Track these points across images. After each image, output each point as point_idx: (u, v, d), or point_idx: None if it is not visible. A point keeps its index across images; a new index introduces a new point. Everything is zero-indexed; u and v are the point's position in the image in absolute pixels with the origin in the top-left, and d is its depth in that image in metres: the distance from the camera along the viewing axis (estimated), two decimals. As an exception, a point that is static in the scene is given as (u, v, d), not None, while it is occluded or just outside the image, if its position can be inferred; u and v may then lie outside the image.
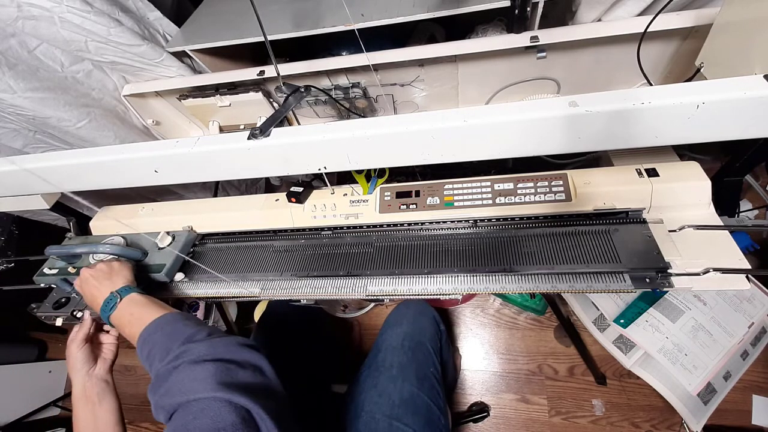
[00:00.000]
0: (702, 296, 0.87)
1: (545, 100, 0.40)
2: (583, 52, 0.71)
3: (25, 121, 0.73)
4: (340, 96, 0.84)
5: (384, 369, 0.74)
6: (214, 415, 0.38)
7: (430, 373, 0.76)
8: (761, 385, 1.04)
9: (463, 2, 0.67)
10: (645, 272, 0.49)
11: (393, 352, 0.77)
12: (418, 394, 0.71)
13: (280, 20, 0.77)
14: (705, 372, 0.81)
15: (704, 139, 0.39)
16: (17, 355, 1.47)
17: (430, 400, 0.72)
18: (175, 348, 0.45)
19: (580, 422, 1.10)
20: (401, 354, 0.76)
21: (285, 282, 0.62)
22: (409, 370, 0.74)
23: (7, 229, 1.03)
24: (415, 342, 0.79)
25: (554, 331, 1.22)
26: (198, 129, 1.02)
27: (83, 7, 0.67)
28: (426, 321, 0.84)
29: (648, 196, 0.54)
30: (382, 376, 0.73)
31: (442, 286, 0.55)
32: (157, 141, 0.63)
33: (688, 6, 0.64)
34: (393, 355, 0.76)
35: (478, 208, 0.59)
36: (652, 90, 0.37)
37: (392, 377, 0.72)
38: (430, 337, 0.81)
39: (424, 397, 0.71)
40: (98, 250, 0.63)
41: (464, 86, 0.82)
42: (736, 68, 0.47)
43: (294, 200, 0.66)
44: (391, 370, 0.74)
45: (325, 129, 0.45)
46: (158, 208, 0.75)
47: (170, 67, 0.83)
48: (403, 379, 0.72)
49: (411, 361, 0.75)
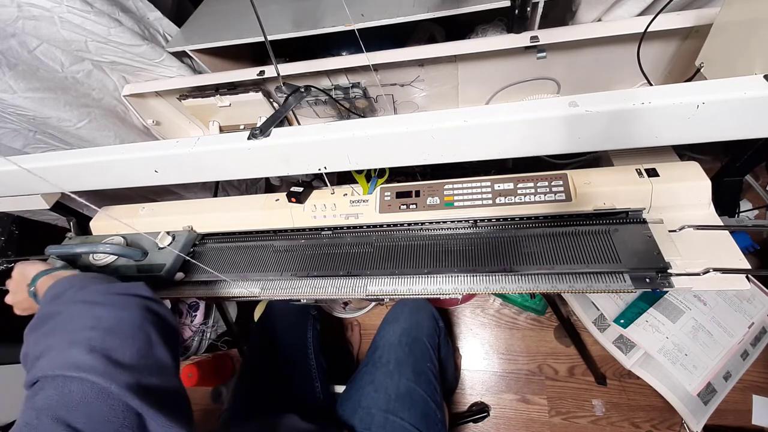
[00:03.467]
0: (702, 296, 0.87)
1: (545, 100, 0.40)
2: (583, 52, 0.71)
3: (25, 121, 0.73)
4: (340, 96, 0.84)
5: (381, 365, 0.75)
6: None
7: (427, 369, 0.76)
8: (761, 385, 1.04)
9: (463, 2, 0.67)
10: (645, 272, 0.49)
11: (390, 349, 0.77)
12: (414, 389, 0.71)
13: (280, 20, 0.77)
14: (705, 372, 0.81)
15: (704, 139, 0.39)
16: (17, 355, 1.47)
17: (426, 394, 0.72)
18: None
19: (580, 422, 1.10)
20: (398, 350, 0.76)
21: (285, 282, 0.62)
22: (405, 365, 0.74)
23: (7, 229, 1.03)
24: (412, 338, 0.79)
25: (554, 331, 1.22)
26: (198, 129, 1.02)
27: (83, 7, 0.67)
28: (423, 317, 0.84)
29: (648, 196, 0.54)
30: (379, 372, 0.74)
31: (442, 286, 0.55)
32: (157, 141, 0.63)
33: (688, 6, 0.64)
34: (390, 351, 0.76)
35: (478, 208, 0.59)
36: (652, 90, 0.37)
37: (389, 372, 0.73)
38: (428, 334, 0.82)
39: (421, 392, 0.71)
40: (98, 250, 0.63)
41: (464, 86, 0.82)
42: (736, 68, 0.47)
43: (294, 200, 0.66)
44: (388, 365, 0.74)
45: (325, 129, 0.45)
46: (158, 208, 0.75)
47: (170, 67, 0.83)
48: (399, 374, 0.72)
49: (408, 356, 0.75)
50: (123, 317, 0.41)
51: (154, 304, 0.45)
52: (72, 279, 0.48)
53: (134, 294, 0.44)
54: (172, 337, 0.45)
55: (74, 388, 0.34)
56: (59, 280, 0.48)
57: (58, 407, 0.33)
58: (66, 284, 0.47)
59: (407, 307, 0.86)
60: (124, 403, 0.34)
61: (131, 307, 0.42)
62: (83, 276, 0.50)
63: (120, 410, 0.34)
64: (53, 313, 0.42)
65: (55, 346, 0.38)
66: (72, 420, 0.32)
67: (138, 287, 0.46)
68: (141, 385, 0.36)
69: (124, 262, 0.65)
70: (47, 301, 0.45)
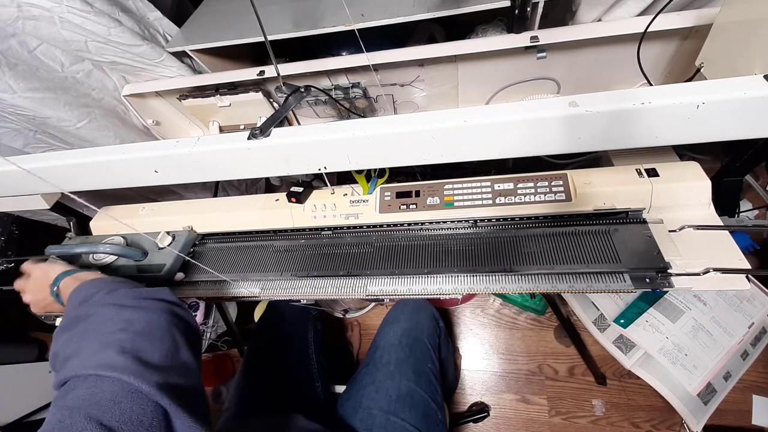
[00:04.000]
0: (702, 296, 0.87)
1: (545, 100, 0.40)
2: (583, 52, 0.71)
3: (25, 121, 0.73)
4: (340, 96, 0.84)
5: (381, 365, 0.75)
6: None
7: (428, 369, 0.76)
8: (761, 385, 1.04)
9: (463, 2, 0.67)
10: (645, 272, 0.49)
11: (390, 349, 0.77)
12: (415, 390, 0.71)
13: (281, 20, 0.77)
14: (705, 372, 0.81)
15: (704, 139, 0.39)
16: (17, 355, 1.47)
17: (427, 395, 0.72)
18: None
19: (580, 422, 1.10)
20: (399, 350, 0.76)
21: (285, 282, 0.62)
22: (406, 365, 0.74)
23: (7, 229, 1.03)
24: (413, 338, 0.79)
25: (554, 331, 1.22)
26: (198, 129, 1.02)
27: (83, 7, 0.67)
28: (424, 317, 0.84)
29: (648, 196, 0.54)
30: (380, 373, 0.74)
31: (442, 286, 0.55)
32: (157, 141, 0.63)
33: (688, 6, 0.64)
34: (390, 351, 0.77)
35: (478, 208, 0.59)
36: (652, 90, 0.37)
37: (389, 373, 0.73)
38: (428, 334, 0.82)
39: (421, 393, 0.71)
40: (98, 250, 0.63)
41: (464, 86, 0.82)
42: (736, 68, 0.47)
43: (294, 200, 0.66)
44: (388, 366, 0.74)
45: (325, 129, 0.45)
46: (158, 208, 0.75)
47: (170, 67, 0.83)
48: (400, 375, 0.72)
49: (408, 356, 0.76)
50: (152, 320, 0.42)
51: (178, 309, 0.47)
52: (99, 282, 0.49)
53: (161, 299, 0.46)
54: (195, 341, 0.47)
55: (106, 387, 0.35)
56: (85, 283, 0.49)
57: (90, 406, 0.34)
58: (94, 287, 0.48)
59: (407, 307, 0.86)
60: (154, 402, 0.35)
61: (159, 311, 0.44)
62: (110, 280, 0.52)
63: (150, 409, 0.35)
64: (84, 316, 0.43)
65: (86, 347, 0.39)
66: (104, 418, 0.33)
67: (163, 292, 0.48)
68: (169, 385, 0.37)
69: (124, 262, 0.65)
70: (76, 303, 0.47)
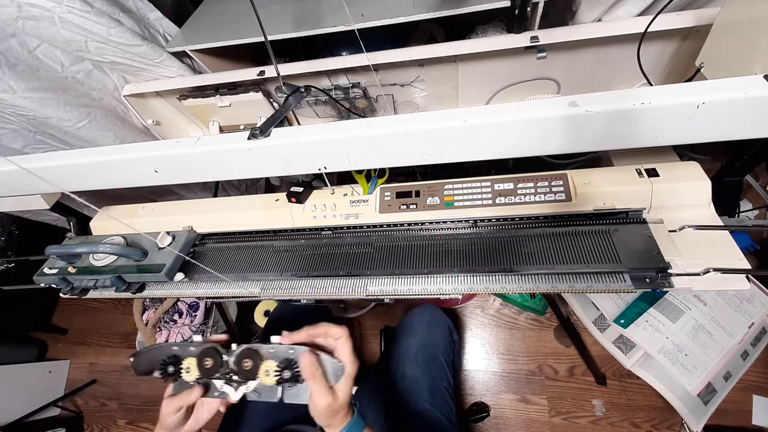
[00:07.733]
0: (702, 296, 0.87)
1: (545, 100, 0.40)
2: (583, 52, 0.71)
3: (25, 121, 0.73)
4: (340, 96, 0.84)
5: (397, 379, 0.75)
6: None
7: (443, 387, 0.76)
8: (761, 385, 1.04)
9: (463, 2, 0.67)
10: (645, 272, 0.49)
11: (406, 364, 0.77)
12: (430, 410, 0.71)
13: (281, 20, 0.77)
14: (705, 372, 0.81)
15: (704, 139, 0.38)
16: (17, 355, 1.47)
17: (441, 414, 0.72)
18: None
19: (580, 422, 1.10)
20: (415, 367, 0.76)
21: (285, 282, 0.62)
22: (422, 384, 0.74)
23: (7, 229, 1.03)
24: (429, 355, 0.79)
25: (554, 331, 1.22)
26: (198, 129, 1.02)
27: (83, 7, 0.67)
28: (440, 331, 0.84)
29: (648, 196, 0.54)
30: (396, 388, 0.74)
31: (442, 286, 0.55)
32: (157, 141, 0.63)
33: (688, 6, 0.64)
34: (405, 366, 0.76)
35: (478, 208, 0.59)
36: (652, 90, 0.37)
37: (405, 390, 0.73)
38: (444, 349, 0.81)
39: (436, 413, 0.71)
40: (98, 250, 0.63)
41: (464, 86, 0.82)
42: (736, 68, 0.47)
43: (294, 200, 0.66)
44: (403, 381, 0.74)
45: (325, 129, 0.45)
46: (158, 208, 0.75)
47: (170, 67, 0.83)
48: (416, 394, 0.72)
49: (424, 374, 0.75)
50: None
51: None
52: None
53: None
54: None
55: None
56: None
57: None
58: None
59: (425, 318, 0.85)
60: None
61: None
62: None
63: None
64: None
65: None
66: None
67: None
68: None
69: (124, 262, 0.65)
70: None
